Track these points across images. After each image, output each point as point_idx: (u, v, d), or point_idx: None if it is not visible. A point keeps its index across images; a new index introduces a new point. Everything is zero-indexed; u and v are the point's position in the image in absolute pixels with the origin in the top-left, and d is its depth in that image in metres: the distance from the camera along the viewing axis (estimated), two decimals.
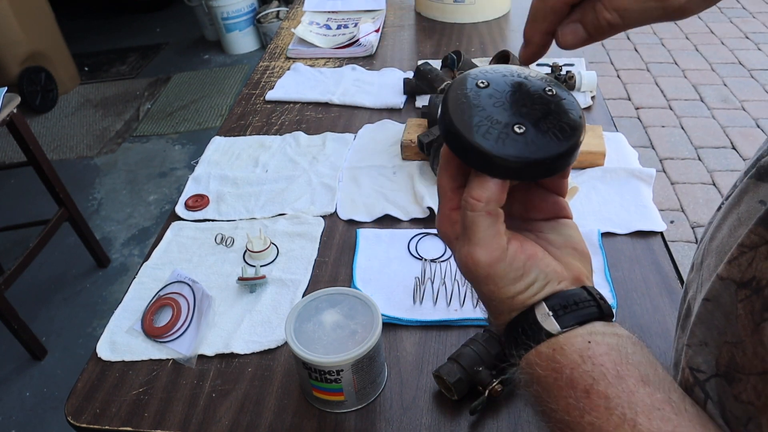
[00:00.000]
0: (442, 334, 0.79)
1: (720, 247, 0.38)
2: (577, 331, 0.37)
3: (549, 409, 0.36)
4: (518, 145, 0.35)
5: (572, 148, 0.36)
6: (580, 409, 0.34)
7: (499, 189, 0.37)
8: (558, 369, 0.36)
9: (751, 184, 0.37)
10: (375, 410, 0.71)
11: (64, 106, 3.45)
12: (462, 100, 0.37)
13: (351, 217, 1.00)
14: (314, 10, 1.78)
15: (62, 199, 2.02)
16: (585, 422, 0.34)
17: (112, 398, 0.75)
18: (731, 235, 0.37)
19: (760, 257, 0.34)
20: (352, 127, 1.25)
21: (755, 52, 3.47)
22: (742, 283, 0.34)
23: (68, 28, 3.65)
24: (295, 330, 0.69)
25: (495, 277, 0.38)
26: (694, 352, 0.39)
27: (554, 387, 0.36)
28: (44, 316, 2.11)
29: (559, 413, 0.35)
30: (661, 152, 2.71)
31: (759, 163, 0.37)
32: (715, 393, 0.37)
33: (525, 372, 0.38)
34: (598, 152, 1.04)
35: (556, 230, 0.42)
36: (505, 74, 0.39)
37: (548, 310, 0.38)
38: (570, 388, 0.35)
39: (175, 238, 0.99)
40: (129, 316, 0.86)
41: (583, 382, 0.35)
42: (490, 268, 0.38)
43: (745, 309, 0.34)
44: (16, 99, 1.79)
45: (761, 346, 0.33)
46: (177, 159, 2.90)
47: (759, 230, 0.34)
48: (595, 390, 0.34)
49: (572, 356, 0.36)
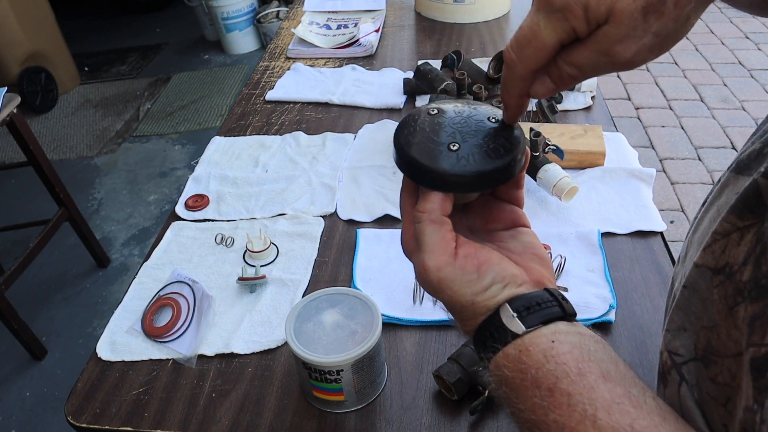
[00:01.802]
0: (442, 334, 0.79)
1: (700, 238, 0.40)
2: (542, 331, 0.38)
3: (517, 410, 0.37)
4: (451, 160, 0.39)
5: (504, 166, 0.40)
6: (545, 407, 0.35)
7: (440, 200, 0.41)
8: (524, 370, 0.37)
9: (731, 178, 0.39)
10: (375, 410, 0.71)
11: (64, 106, 3.45)
12: (411, 124, 0.42)
13: (351, 217, 1.00)
14: (314, 10, 1.78)
15: (62, 199, 2.02)
16: (550, 420, 0.35)
17: (112, 398, 0.75)
18: (710, 225, 0.38)
19: (732, 244, 0.35)
20: (352, 127, 1.25)
21: (755, 52, 3.47)
22: (717, 269, 0.36)
23: (68, 28, 3.65)
24: (295, 330, 0.69)
25: (446, 281, 0.40)
26: (673, 337, 0.41)
27: (521, 387, 0.37)
28: (44, 316, 2.11)
29: (526, 413, 0.36)
30: (661, 152, 2.71)
31: (739, 157, 0.39)
32: (693, 376, 0.38)
33: (494, 375, 0.39)
34: (598, 152, 1.04)
35: (516, 238, 0.45)
36: (457, 105, 0.44)
37: (512, 312, 0.39)
38: (535, 388, 0.36)
39: (175, 238, 0.99)
40: (129, 316, 0.86)
41: (547, 381, 0.36)
42: (440, 272, 0.40)
43: (720, 294, 0.35)
44: (16, 99, 1.79)
45: (735, 329, 0.34)
46: (177, 159, 2.90)
47: (731, 218, 0.35)
48: (558, 388, 0.35)
49: (537, 356, 0.37)
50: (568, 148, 1.03)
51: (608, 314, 0.78)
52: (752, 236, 0.34)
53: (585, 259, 0.87)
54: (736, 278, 0.34)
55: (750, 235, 0.34)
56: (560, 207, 0.97)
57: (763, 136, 0.38)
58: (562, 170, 0.95)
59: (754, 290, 0.33)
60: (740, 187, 0.36)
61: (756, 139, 0.40)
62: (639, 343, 0.76)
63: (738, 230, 0.35)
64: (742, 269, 0.34)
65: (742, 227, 0.35)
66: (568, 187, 0.93)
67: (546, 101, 1.16)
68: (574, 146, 1.04)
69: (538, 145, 0.96)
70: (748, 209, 0.35)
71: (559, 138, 1.06)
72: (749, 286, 0.33)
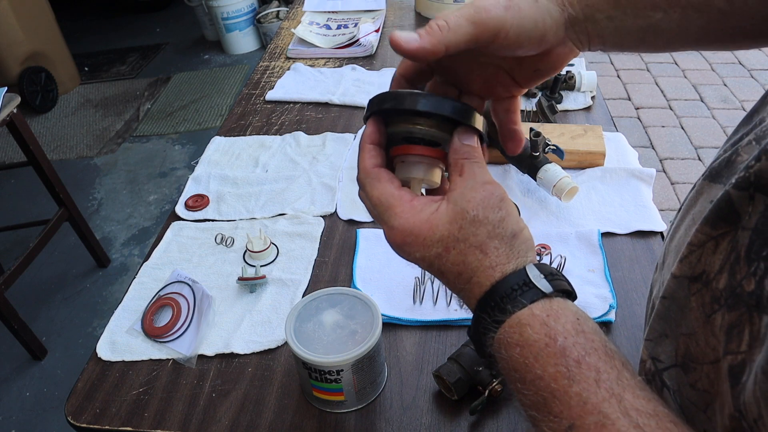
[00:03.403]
0: (442, 334, 0.79)
1: (677, 246, 0.40)
2: (567, 304, 0.38)
3: (534, 377, 0.35)
4: (415, 96, 0.42)
5: (459, 107, 0.42)
6: (569, 378, 0.34)
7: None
8: (552, 335, 0.35)
9: (705, 186, 0.39)
10: (375, 410, 0.71)
11: (64, 106, 3.45)
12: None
13: (351, 217, 1.00)
14: (314, 10, 1.77)
15: (62, 199, 2.02)
16: (572, 392, 0.33)
17: (112, 398, 0.75)
18: (686, 234, 0.39)
19: (707, 252, 0.35)
20: (352, 127, 1.25)
21: (755, 52, 3.47)
22: (693, 277, 0.36)
23: (68, 28, 3.65)
24: (295, 330, 0.69)
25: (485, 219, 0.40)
26: (656, 344, 0.40)
27: (545, 353, 0.35)
28: (44, 316, 2.11)
29: (545, 381, 0.35)
30: (661, 152, 2.71)
31: (712, 165, 0.40)
32: (674, 382, 0.38)
33: (510, 334, 0.37)
34: (598, 152, 1.04)
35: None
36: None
37: (540, 274, 0.38)
38: (562, 356, 0.35)
39: (175, 238, 0.99)
40: (129, 316, 0.86)
41: (575, 352, 0.35)
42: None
43: (697, 302, 0.36)
44: (16, 99, 1.79)
45: (712, 336, 0.34)
46: (177, 159, 2.90)
47: (705, 229, 0.36)
48: (586, 362, 0.34)
49: (566, 325, 0.36)
50: (568, 148, 1.03)
51: (608, 314, 0.78)
52: (727, 244, 0.34)
53: (585, 259, 0.87)
54: (713, 286, 0.34)
55: (725, 243, 0.34)
56: (560, 207, 0.97)
57: (735, 145, 0.39)
58: (562, 170, 0.95)
59: (730, 299, 0.33)
60: (713, 196, 0.37)
61: (728, 146, 0.40)
62: (639, 343, 0.76)
63: (712, 239, 0.35)
64: (718, 277, 0.34)
65: (716, 236, 0.35)
66: (568, 187, 0.93)
67: (546, 101, 1.16)
68: (574, 146, 1.04)
69: (538, 145, 0.96)
70: (720, 219, 0.35)
71: (559, 138, 1.06)
72: (725, 294, 0.33)
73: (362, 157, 0.43)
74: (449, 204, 0.40)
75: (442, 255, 0.40)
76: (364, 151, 0.43)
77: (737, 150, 0.38)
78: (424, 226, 0.40)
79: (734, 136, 0.41)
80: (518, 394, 0.36)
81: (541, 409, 0.34)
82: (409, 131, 0.43)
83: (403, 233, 0.40)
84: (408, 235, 0.40)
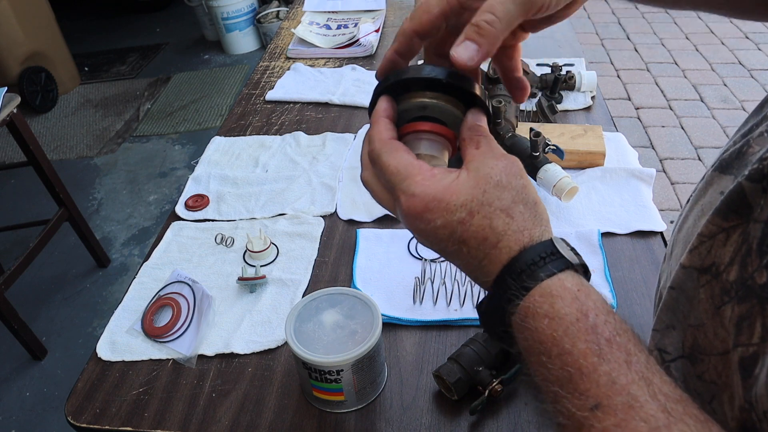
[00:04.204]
0: (442, 334, 0.79)
1: (685, 237, 0.40)
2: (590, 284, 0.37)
3: (562, 351, 0.34)
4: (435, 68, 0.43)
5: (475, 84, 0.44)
6: (600, 356, 0.33)
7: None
8: (583, 311, 0.34)
9: (715, 177, 0.39)
10: (375, 410, 0.71)
11: (64, 106, 3.45)
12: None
13: (351, 217, 1.00)
14: (314, 10, 1.78)
15: (62, 199, 2.02)
16: (602, 370, 0.32)
17: (112, 398, 0.75)
18: (695, 225, 0.39)
19: (718, 244, 0.35)
20: (352, 127, 1.25)
21: (755, 52, 3.47)
22: (703, 268, 0.36)
23: (68, 28, 3.65)
24: (295, 330, 0.69)
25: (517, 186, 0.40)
26: (662, 335, 0.40)
27: (575, 327, 0.34)
28: (44, 316, 2.11)
29: (574, 356, 0.33)
30: (661, 152, 2.71)
31: (722, 156, 0.39)
32: (680, 373, 0.38)
33: (540, 303, 0.35)
34: (598, 152, 1.04)
35: None
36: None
37: (565, 244, 0.38)
38: (593, 333, 0.33)
39: (175, 238, 0.99)
40: (129, 316, 0.86)
41: (607, 331, 0.34)
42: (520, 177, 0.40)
43: (706, 293, 0.36)
44: (16, 99, 1.79)
45: (721, 328, 0.34)
46: (177, 159, 2.90)
47: (716, 220, 0.36)
48: (617, 342, 0.33)
49: (597, 303, 0.35)
50: (568, 148, 1.03)
51: None
52: (738, 236, 0.34)
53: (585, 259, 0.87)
54: (723, 278, 0.34)
55: (736, 235, 0.34)
56: (560, 207, 0.97)
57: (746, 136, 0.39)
58: (562, 170, 0.95)
59: (740, 291, 0.33)
60: (724, 187, 0.37)
61: (739, 138, 0.40)
62: None
63: (723, 231, 0.35)
64: (729, 269, 0.34)
65: (728, 228, 0.35)
66: (568, 187, 0.93)
67: (546, 101, 1.16)
68: (574, 146, 1.04)
69: (538, 145, 0.96)
70: (732, 210, 0.35)
71: (559, 138, 1.06)
72: (736, 287, 0.33)
73: (378, 130, 0.42)
74: (470, 172, 0.39)
75: (466, 220, 0.38)
76: (379, 124, 0.42)
77: (749, 141, 0.38)
78: (446, 192, 0.38)
79: (744, 128, 0.41)
80: (540, 367, 0.35)
81: (566, 385, 0.33)
82: (424, 105, 0.43)
83: (425, 199, 0.38)
84: (431, 200, 0.38)
